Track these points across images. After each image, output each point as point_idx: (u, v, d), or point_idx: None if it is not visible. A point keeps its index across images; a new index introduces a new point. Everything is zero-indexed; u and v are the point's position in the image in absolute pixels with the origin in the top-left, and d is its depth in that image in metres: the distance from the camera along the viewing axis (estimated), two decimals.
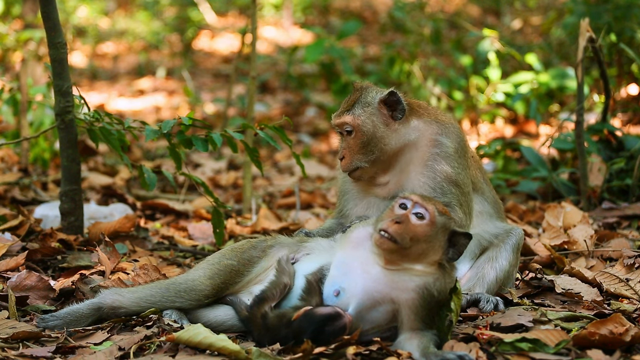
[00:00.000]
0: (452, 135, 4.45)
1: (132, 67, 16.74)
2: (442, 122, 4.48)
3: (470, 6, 17.73)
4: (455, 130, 4.48)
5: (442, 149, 4.40)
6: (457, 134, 4.48)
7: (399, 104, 4.41)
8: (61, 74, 5.16)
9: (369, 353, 3.60)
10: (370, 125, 4.40)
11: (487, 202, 4.68)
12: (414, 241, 3.66)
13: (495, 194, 4.79)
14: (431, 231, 3.69)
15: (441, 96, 10.34)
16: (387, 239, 3.66)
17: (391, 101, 4.41)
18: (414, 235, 3.67)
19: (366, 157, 4.41)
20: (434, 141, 4.42)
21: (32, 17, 13.69)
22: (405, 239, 3.65)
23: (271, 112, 12.66)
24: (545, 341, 3.63)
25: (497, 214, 4.72)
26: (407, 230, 3.66)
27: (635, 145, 6.62)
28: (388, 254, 3.69)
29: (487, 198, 4.69)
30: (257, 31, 6.99)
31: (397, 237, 3.65)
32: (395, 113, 4.42)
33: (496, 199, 4.77)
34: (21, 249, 5.05)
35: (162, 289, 4.06)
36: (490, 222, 4.65)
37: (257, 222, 6.35)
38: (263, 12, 18.75)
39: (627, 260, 4.79)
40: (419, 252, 3.68)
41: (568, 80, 9.24)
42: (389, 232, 3.66)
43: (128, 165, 5.21)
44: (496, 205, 4.74)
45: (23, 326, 3.92)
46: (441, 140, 4.42)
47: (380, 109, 4.42)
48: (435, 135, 4.43)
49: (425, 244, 3.68)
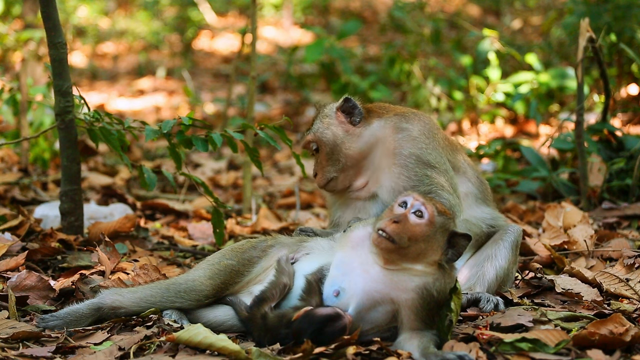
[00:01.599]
0: (414, 121, 4.57)
1: (132, 67, 16.74)
2: (402, 113, 4.62)
3: (470, 6, 17.73)
4: (417, 116, 4.61)
5: (405, 133, 4.51)
6: (420, 118, 4.60)
7: (355, 109, 4.58)
8: (61, 74, 5.16)
9: (369, 353, 3.60)
10: (330, 135, 4.58)
11: (471, 183, 4.71)
12: (412, 241, 3.66)
13: (480, 174, 4.81)
14: (430, 231, 3.69)
15: (441, 96, 10.34)
16: (384, 239, 3.66)
17: (347, 107, 4.59)
18: (412, 234, 3.66)
19: (334, 167, 4.59)
20: (396, 129, 4.54)
21: (32, 17, 13.68)
22: (403, 238, 3.65)
23: (271, 112, 12.66)
24: (545, 341, 3.63)
25: (482, 195, 4.73)
26: (405, 229, 3.66)
27: (635, 145, 6.61)
28: (386, 253, 3.69)
29: (469, 178, 4.72)
30: (257, 31, 6.99)
31: (394, 236, 3.65)
32: (353, 118, 4.58)
33: (481, 180, 4.79)
34: (21, 249, 5.05)
35: (162, 289, 4.06)
36: (476, 206, 4.68)
37: (257, 222, 6.35)
38: (263, 12, 18.75)
39: (627, 260, 4.79)
40: (418, 252, 3.68)
41: (568, 80, 9.24)
42: (387, 231, 3.66)
43: (128, 165, 5.20)
44: (481, 187, 4.76)
45: (23, 326, 3.92)
46: (403, 126, 4.54)
47: (338, 117, 4.60)
48: (396, 124, 4.55)
49: (423, 243, 3.68)
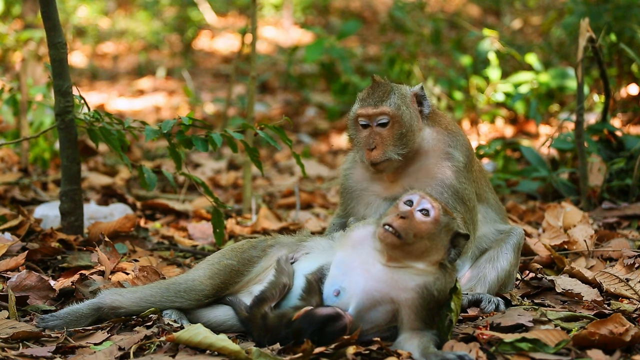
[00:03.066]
0: (462, 148, 4.46)
1: (132, 67, 16.74)
2: (452, 132, 4.49)
3: (470, 6, 17.73)
4: (464, 143, 4.50)
5: (453, 163, 4.41)
6: (467, 146, 4.50)
7: (426, 100, 4.44)
8: (61, 74, 5.16)
9: (369, 353, 3.60)
10: (408, 116, 4.36)
11: (492, 210, 4.71)
12: (417, 237, 3.67)
13: (497, 199, 4.82)
14: (435, 229, 3.70)
15: (441, 96, 10.34)
16: (390, 233, 3.65)
17: (420, 96, 4.43)
18: (418, 231, 3.67)
19: (400, 150, 4.35)
20: (445, 153, 4.42)
21: (32, 17, 13.69)
22: (409, 234, 3.65)
23: (271, 112, 12.66)
24: (545, 341, 3.63)
25: (500, 218, 4.75)
26: (411, 225, 3.67)
27: (635, 145, 6.61)
28: (391, 249, 3.69)
29: (491, 206, 4.71)
30: (257, 31, 6.99)
31: (401, 231, 3.65)
32: (423, 108, 4.44)
33: (499, 205, 4.80)
34: (21, 249, 5.05)
35: (162, 289, 4.06)
36: (492, 226, 4.67)
37: (257, 222, 6.35)
38: (263, 12, 18.74)
39: (627, 260, 4.79)
40: (422, 249, 3.69)
41: (568, 80, 9.24)
42: (394, 226, 3.66)
43: (128, 165, 5.20)
44: (499, 211, 4.77)
45: (23, 326, 3.92)
46: (452, 153, 4.42)
47: (413, 103, 4.42)
48: (446, 147, 4.43)
49: (428, 241, 3.69)
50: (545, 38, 13.01)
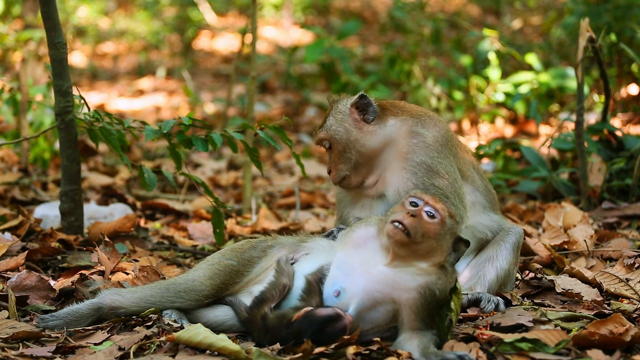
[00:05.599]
0: (429, 125, 4.51)
1: (132, 67, 16.74)
2: (418, 116, 4.55)
3: (470, 6, 17.73)
4: (432, 121, 4.55)
5: (420, 139, 4.46)
6: (435, 123, 4.55)
7: (370, 106, 4.52)
8: (61, 74, 5.16)
9: (369, 353, 3.60)
10: (343, 132, 4.52)
11: (479, 192, 4.68)
12: (425, 237, 3.68)
13: (488, 183, 4.78)
14: (441, 230, 3.71)
15: (441, 96, 10.34)
16: (400, 230, 3.66)
17: (362, 104, 4.53)
18: (426, 231, 3.68)
19: (346, 165, 4.53)
20: (411, 133, 4.49)
21: (32, 17, 13.68)
22: (418, 232, 3.66)
23: (271, 112, 12.66)
24: (545, 341, 3.63)
25: (490, 204, 4.71)
26: (420, 224, 3.68)
27: (635, 145, 6.61)
28: (398, 246, 3.69)
29: (478, 187, 4.69)
30: (257, 31, 6.99)
31: (411, 229, 3.66)
32: (367, 115, 4.52)
33: (489, 189, 4.76)
34: (21, 249, 5.05)
35: (162, 289, 4.06)
36: (483, 213, 4.66)
37: (257, 222, 6.35)
38: (263, 12, 18.75)
39: (627, 260, 4.79)
40: (428, 249, 3.70)
41: (568, 80, 9.24)
42: (404, 223, 3.66)
43: (128, 165, 5.20)
44: (489, 195, 4.73)
45: (23, 326, 3.92)
46: (418, 130, 4.48)
47: (352, 114, 4.53)
48: (412, 127, 4.50)
49: (435, 241, 3.70)
50: (545, 38, 13.01)
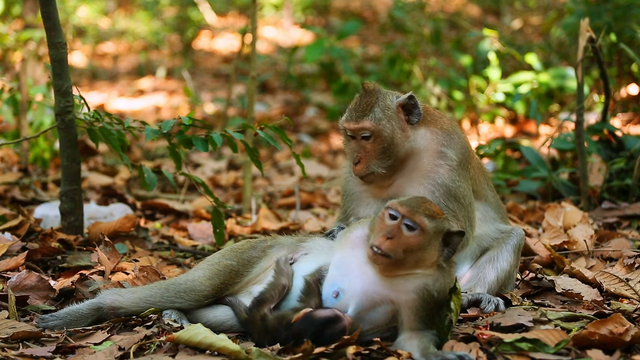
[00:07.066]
0: (457, 147, 4.46)
1: (132, 67, 16.74)
2: (447, 132, 4.48)
3: (470, 6, 17.72)
4: (459, 141, 4.49)
5: (446, 162, 4.41)
6: (462, 144, 4.49)
7: (416, 108, 4.40)
8: (61, 74, 5.16)
9: (369, 353, 3.60)
10: (390, 131, 4.36)
11: (491, 208, 4.70)
12: (407, 252, 3.64)
13: (498, 198, 4.81)
14: (424, 240, 3.66)
15: (441, 96, 10.34)
16: (380, 255, 3.64)
17: (409, 105, 4.40)
18: (407, 246, 3.64)
19: (383, 163, 4.39)
20: (438, 152, 4.42)
21: (32, 17, 13.68)
22: (398, 253, 3.63)
23: (271, 112, 12.66)
24: (545, 341, 3.63)
25: (500, 217, 4.74)
26: (399, 244, 3.63)
27: (635, 145, 6.61)
28: (382, 269, 3.68)
29: (490, 204, 4.71)
30: (257, 31, 6.99)
31: (390, 252, 3.63)
32: (412, 117, 4.41)
33: (499, 204, 4.80)
34: (21, 249, 5.05)
35: (162, 290, 4.06)
36: (492, 225, 4.67)
37: (257, 222, 6.35)
38: (263, 12, 18.74)
39: (627, 260, 4.79)
40: (415, 260, 3.67)
41: (568, 80, 9.24)
42: (382, 248, 3.63)
43: (128, 165, 5.20)
44: (499, 210, 4.76)
45: (23, 326, 3.92)
46: (445, 151, 4.42)
47: (398, 113, 4.40)
48: (440, 146, 4.43)
49: (420, 252, 3.66)
50: (545, 38, 13.00)
